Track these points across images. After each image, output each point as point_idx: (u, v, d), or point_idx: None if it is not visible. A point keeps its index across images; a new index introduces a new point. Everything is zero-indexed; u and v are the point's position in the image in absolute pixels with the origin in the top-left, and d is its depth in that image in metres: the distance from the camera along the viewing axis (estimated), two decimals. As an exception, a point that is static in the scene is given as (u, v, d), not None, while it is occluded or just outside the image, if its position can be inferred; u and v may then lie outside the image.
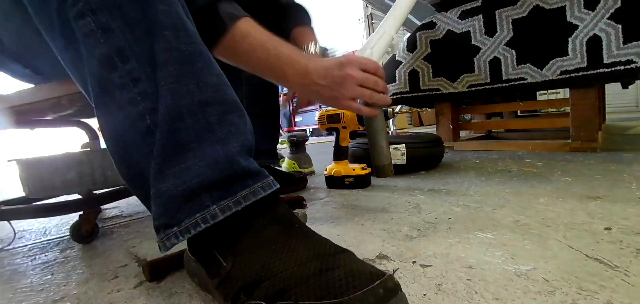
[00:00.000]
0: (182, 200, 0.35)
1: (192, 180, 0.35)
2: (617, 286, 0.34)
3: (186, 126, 0.35)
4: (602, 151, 1.15)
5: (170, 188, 0.35)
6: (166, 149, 0.35)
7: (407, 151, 1.05)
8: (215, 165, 0.36)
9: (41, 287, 0.49)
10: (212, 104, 0.37)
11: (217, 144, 0.36)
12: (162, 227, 0.36)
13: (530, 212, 0.59)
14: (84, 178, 0.68)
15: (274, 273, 0.31)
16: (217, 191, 0.36)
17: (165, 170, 0.35)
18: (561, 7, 1.15)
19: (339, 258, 0.32)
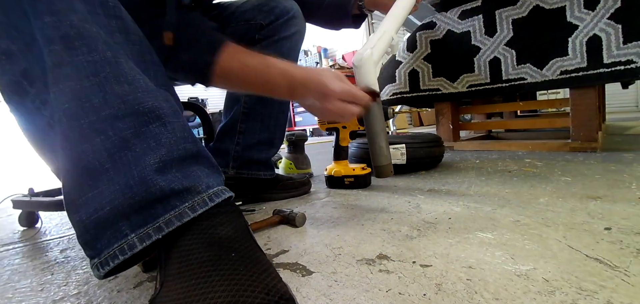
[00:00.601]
0: (98, 229, 0.32)
1: (103, 207, 0.32)
2: (617, 286, 0.34)
3: (94, 147, 0.31)
4: (602, 151, 1.15)
5: (83, 218, 0.32)
6: (73, 176, 0.32)
7: (407, 151, 1.05)
8: (127, 188, 0.32)
9: (41, 287, 0.49)
10: (123, 117, 0.33)
11: (132, 163, 0.32)
12: (88, 256, 0.34)
13: (530, 212, 0.59)
14: None
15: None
16: (136, 216, 0.33)
17: (77, 199, 0.32)
18: (561, 7, 1.15)
19: (234, 282, 0.29)
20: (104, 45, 0.34)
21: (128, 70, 0.35)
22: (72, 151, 0.31)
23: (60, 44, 0.31)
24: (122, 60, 0.35)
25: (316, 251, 0.51)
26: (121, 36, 0.37)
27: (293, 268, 0.46)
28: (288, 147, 1.31)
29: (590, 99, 1.17)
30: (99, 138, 0.32)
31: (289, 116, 4.85)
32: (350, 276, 0.42)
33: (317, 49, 5.20)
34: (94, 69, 0.32)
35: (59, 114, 0.31)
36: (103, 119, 0.32)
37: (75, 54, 0.32)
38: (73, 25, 0.32)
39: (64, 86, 0.31)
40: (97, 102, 0.32)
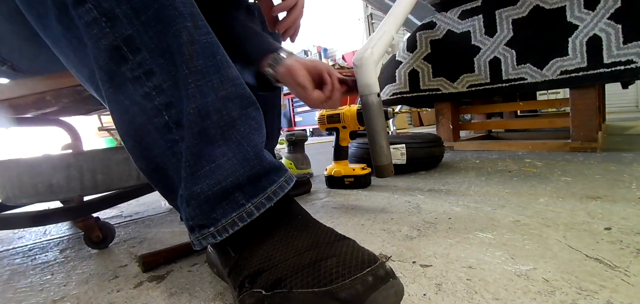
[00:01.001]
0: (217, 200, 0.35)
1: (225, 179, 0.34)
2: (617, 286, 0.34)
3: (212, 123, 0.34)
4: (602, 151, 1.15)
5: (205, 189, 0.34)
6: (196, 149, 0.34)
7: (407, 151, 1.05)
8: (246, 162, 0.35)
9: (41, 287, 0.49)
10: (233, 99, 0.35)
11: (242, 140, 0.36)
12: (197, 227, 0.35)
13: (530, 212, 0.59)
14: (72, 183, 0.61)
15: (274, 263, 0.32)
16: (249, 188, 0.36)
17: (197, 171, 0.34)
18: (561, 7, 1.15)
19: (335, 246, 0.33)
20: (209, 27, 0.36)
21: (226, 55, 0.37)
22: (199, 125, 0.33)
23: (191, 21, 0.33)
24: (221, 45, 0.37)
25: (316, 251, 0.51)
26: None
27: (293, 268, 0.46)
28: (288, 147, 1.31)
29: (590, 99, 1.17)
30: (216, 116, 0.34)
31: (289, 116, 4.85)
32: (350, 276, 0.42)
33: (317, 49, 5.20)
34: (213, 50, 0.35)
35: (192, 89, 0.33)
36: (219, 100, 0.34)
37: (201, 33, 0.34)
38: (193, 4, 0.34)
39: (198, 63, 0.33)
40: (216, 82, 0.34)
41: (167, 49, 0.32)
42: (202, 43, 0.34)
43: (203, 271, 0.49)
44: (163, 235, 0.69)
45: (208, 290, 0.43)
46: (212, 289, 0.43)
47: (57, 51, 0.37)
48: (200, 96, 0.33)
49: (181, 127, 0.34)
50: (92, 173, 0.63)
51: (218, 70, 0.35)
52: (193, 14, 0.34)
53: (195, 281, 0.45)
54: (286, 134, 1.32)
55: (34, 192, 0.59)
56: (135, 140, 0.36)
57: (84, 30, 0.32)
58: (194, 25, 0.33)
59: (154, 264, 0.51)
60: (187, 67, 0.33)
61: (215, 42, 0.35)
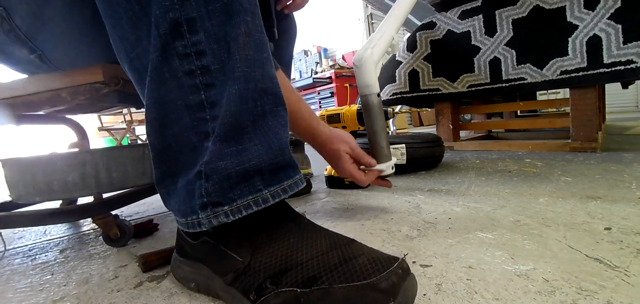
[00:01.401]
0: (238, 180, 0.36)
1: (249, 161, 0.36)
2: (617, 286, 0.34)
3: (248, 109, 0.36)
4: (602, 151, 1.15)
5: (228, 166, 0.35)
6: (229, 128, 0.35)
7: (407, 151, 1.05)
8: (271, 151, 0.37)
9: (41, 287, 0.49)
10: (268, 94, 0.38)
11: (269, 131, 0.37)
12: (211, 204, 0.36)
13: (530, 212, 0.59)
14: (87, 180, 0.61)
15: (298, 263, 0.33)
16: (269, 176, 0.37)
17: (225, 148, 0.35)
18: (561, 7, 1.15)
19: (354, 248, 0.35)
20: (264, 28, 0.39)
21: (272, 57, 0.40)
22: (238, 107, 0.35)
23: (250, 16, 0.36)
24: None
25: (316, 251, 0.51)
26: None
27: (293, 268, 0.46)
28: (288, 147, 1.30)
29: (590, 99, 1.17)
30: (252, 104, 0.36)
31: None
32: (350, 276, 0.42)
33: (317, 49, 5.20)
34: (263, 47, 0.37)
35: (239, 74, 0.35)
36: (257, 91, 0.36)
37: (256, 30, 0.37)
38: (255, 2, 0.37)
39: (249, 54, 0.36)
40: (258, 75, 0.37)
41: (224, 37, 0.35)
42: (255, 38, 0.37)
43: (203, 271, 0.49)
44: (164, 235, 0.69)
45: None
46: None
47: (109, 12, 0.38)
48: (245, 82, 0.36)
49: (217, 107, 0.35)
50: (108, 171, 0.63)
51: (262, 65, 0.37)
52: (254, 12, 0.37)
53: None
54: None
55: (48, 189, 0.59)
56: (159, 113, 0.37)
57: (157, 0, 0.34)
58: (252, 21, 0.36)
59: (154, 263, 0.51)
60: (239, 53, 0.35)
61: (266, 42, 0.38)
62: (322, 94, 4.30)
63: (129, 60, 0.38)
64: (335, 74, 4.18)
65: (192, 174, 0.37)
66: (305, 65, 5.15)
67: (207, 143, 0.36)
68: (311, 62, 5.06)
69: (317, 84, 4.33)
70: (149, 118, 0.38)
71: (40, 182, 0.59)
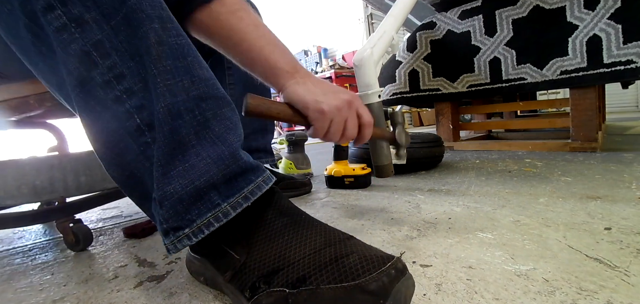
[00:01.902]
0: (191, 200, 0.34)
1: (199, 178, 0.34)
2: (617, 286, 0.34)
3: (185, 123, 0.34)
4: (602, 151, 1.15)
5: (178, 189, 0.34)
6: (168, 149, 0.33)
7: (407, 151, 1.05)
8: (221, 161, 0.35)
9: (41, 287, 0.49)
10: (206, 99, 0.35)
11: (216, 139, 0.35)
12: (172, 230, 0.35)
13: (530, 212, 0.59)
14: (55, 184, 0.61)
15: (290, 262, 0.33)
16: (224, 187, 0.35)
17: (169, 171, 0.34)
18: (561, 7, 1.15)
19: (349, 245, 0.34)
20: (182, 29, 0.36)
21: (201, 58, 0.37)
22: (170, 124, 0.33)
23: (158, 22, 0.33)
24: (195, 48, 0.37)
25: (316, 251, 0.51)
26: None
27: (293, 268, 0.46)
28: (288, 148, 1.31)
29: (590, 99, 1.17)
30: (188, 116, 0.34)
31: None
32: (350, 276, 0.42)
33: (317, 49, 5.20)
34: (183, 52, 0.35)
35: (162, 89, 0.33)
36: (190, 100, 0.34)
37: (170, 35, 0.34)
38: (162, 6, 0.34)
39: (166, 64, 0.33)
40: (186, 83, 0.34)
41: (136, 51, 0.33)
42: (170, 44, 0.34)
43: (203, 271, 0.49)
44: (163, 235, 0.69)
45: (208, 290, 0.43)
46: (212, 289, 0.43)
47: (27, 61, 0.37)
48: (170, 95, 0.33)
49: (153, 129, 0.34)
50: (76, 175, 0.64)
51: (188, 71, 0.34)
52: (161, 17, 0.34)
53: (195, 281, 0.45)
54: (286, 134, 1.32)
55: (18, 193, 0.59)
56: (107, 147, 0.35)
57: (54, 36, 0.31)
58: (161, 27, 0.33)
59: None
60: (155, 67, 0.33)
61: (186, 44, 0.35)
62: (322, 94, 4.28)
63: (59, 96, 0.37)
64: (335, 74, 4.18)
65: (154, 199, 0.35)
66: (305, 65, 5.15)
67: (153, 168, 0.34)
68: (311, 62, 5.06)
69: (317, 84, 4.32)
70: (100, 155, 0.36)
71: (10, 187, 0.59)
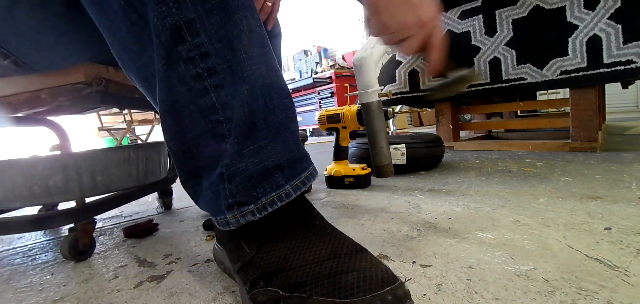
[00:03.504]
0: (259, 179, 0.36)
1: (268, 159, 0.36)
2: (617, 286, 0.34)
3: (259, 107, 0.36)
4: (602, 151, 1.15)
5: (249, 167, 0.36)
6: (245, 128, 0.36)
7: (407, 151, 1.05)
8: (286, 146, 0.38)
9: (41, 287, 0.49)
10: (275, 88, 0.38)
11: (281, 126, 0.38)
12: (237, 204, 0.36)
13: (530, 212, 0.59)
14: (69, 184, 0.57)
15: (291, 267, 0.33)
16: (288, 170, 0.38)
17: (242, 149, 0.36)
18: (561, 7, 1.15)
19: (355, 259, 0.33)
20: (261, 21, 0.38)
21: (271, 49, 0.39)
22: (250, 106, 0.35)
23: (249, 11, 0.36)
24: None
25: (316, 251, 0.51)
26: None
27: (293, 268, 0.46)
28: (288, 147, 1.31)
29: (590, 99, 1.17)
30: (262, 101, 0.36)
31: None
32: (350, 276, 0.42)
33: (317, 49, 5.20)
34: (265, 41, 0.38)
35: (248, 72, 0.35)
36: (265, 87, 0.37)
37: (257, 24, 0.37)
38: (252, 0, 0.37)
39: (254, 50, 0.36)
40: (264, 70, 0.37)
41: (225, 35, 0.34)
42: (257, 33, 0.36)
43: (203, 271, 0.49)
44: (164, 235, 0.69)
45: (208, 290, 0.43)
46: (212, 289, 0.43)
47: (107, 25, 0.37)
48: (253, 79, 0.36)
49: (229, 108, 0.35)
50: (91, 174, 0.60)
51: (266, 60, 0.37)
52: (251, 6, 0.36)
53: (195, 281, 0.46)
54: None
55: (29, 194, 0.56)
56: (174, 119, 0.37)
57: (152, 7, 0.33)
58: (252, 16, 0.36)
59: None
60: (245, 52, 0.35)
61: (265, 34, 0.38)
62: (322, 94, 4.30)
63: (135, 70, 0.39)
64: (335, 74, 4.18)
65: (214, 175, 0.37)
66: (305, 65, 5.15)
67: (225, 145, 0.36)
68: (311, 62, 5.06)
69: (317, 84, 4.33)
70: (165, 125, 0.38)
71: (20, 187, 0.55)
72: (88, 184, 0.59)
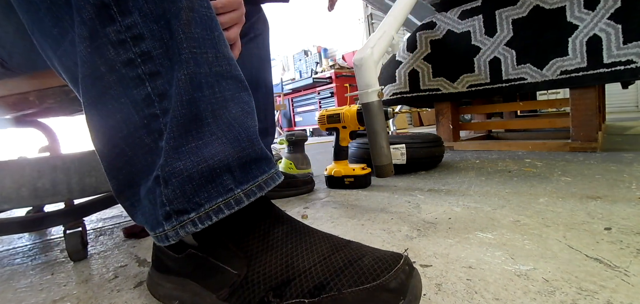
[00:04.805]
0: (202, 181, 0.31)
1: (213, 157, 0.31)
2: (617, 286, 0.34)
3: (204, 97, 0.31)
4: (602, 151, 1.15)
5: (188, 167, 0.30)
6: (184, 120, 0.30)
7: (407, 151, 1.05)
8: (237, 143, 0.32)
9: (41, 287, 0.49)
10: (227, 78, 0.33)
11: (234, 121, 0.33)
12: (174, 213, 0.31)
13: (530, 212, 0.59)
14: (58, 186, 0.57)
15: (301, 271, 0.31)
16: (239, 172, 0.32)
17: (181, 146, 0.30)
18: (561, 7, 1.15)
19: (354, 248, 0.33)
20: (211, 4, 0.34)
21: (224, 35, 0.35)
22: (190, 94, 0.31)
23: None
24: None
25: (316, 251, 0.51)
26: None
27: (293, 268, 0.46)
28: (288, 147, 1.31)
29: (590, 99, 1.17)
30: (208, 91, 0.32)
31: (289, 116, 4.86)
32: (350, 276, 0.42)
33: (317, 49, 5.20)
34: (212, 24, 0.33)
35: (186, 55, 0.30)
36: (212, 75, 0.32)
37: (201, 5, 0.32)
38: None
39: (196, 32, 0.31)
40: (211, 57, 0.32)
41: (162, 14, 0.30)
42: (201, 13, 0.32)
43: (203, 271, 0.48)
44: (163, 235, 0.69)
45: (208, 290, 0.43)
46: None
47: (25, 8, 0.33)
48: (194, 64, 0.31)
49: (167, 98, 0.31)
50: (80, 176, 0.59)
51: (214, 45, 0.32)
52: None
53: (195, 281, 0.45)
54: (286, 134, 1.32)
55: (17, 196, 0.55)
56: (101, 114, 0.32)
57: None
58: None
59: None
60: (183, 32, 0.30)
61: (214, 18, 0.33)
62: (322, 94, 4.30)
63: (57, 59, 0.33)
64: (335, 74, 4.19)
65: (151, 180, 0.32)
66: (305, 65, 5.16)
67: (162, 142, 0.31)
68: (311, 62, 5.06)
69: (317, 84, 4.33)
70: (92, 123, 0.33)
71: (8, 189, 0.55)
72: (76, 186, 0.59)
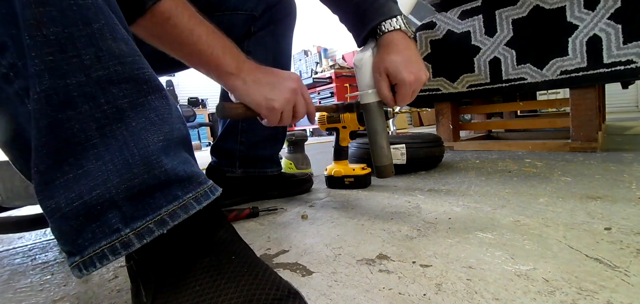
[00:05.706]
0: (81, 221, 0.26)
1: (91, 192, 0.25)
2: (617, 286, 0.34)
3: (80, 115, 0.25)
4: (602, 151, 1.15)
5: (62, 204, 0.25)
6: (48, 150, 0.25)
7: (407, 151, 1.05)
8: (126, 168, 0.26)
9: (41, 287, 0.49)
10: (120, 83, 0.26)
11: (129, 138, 0.26)
12: (67, 253, 0.28)
13: (530, 212, 0.59)
14: None
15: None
16: (129, 206, 0.26)
17: (54, 180, 0.25)
18: (561, 7, 1.15)
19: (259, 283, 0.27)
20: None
21: (122, 26, 0.28)
22: (50, 117, 0.24)
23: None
24: (116, 12, 0.28)
25: (316, 251, 0.51)
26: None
27: (293, 268, 0.46)
28: (288, 148, 1.31)
29: (590, 99, 1.17)
30: (87, 105, 0.25)
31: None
32: (351, 276, 0.42)
33: (317, 49, 5.20)
34: (86, 15, 0.25)
35: (38, 67, 0.24)
36: (94, 82, 0.25)
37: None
38: None
39: (49, 31, 0.24)
40: (87, 59, 0.25)
41: (14, 13, 0.24)
42: (61, 4, 0.24)
43: (203, 271, 0.48)
44: (163, 235, 0.69)
45: (208, 290, 0.43)
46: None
47: None
48: (53, 77, 0.24)
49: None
50: None
51: (93, 42, 0.25)
52: None
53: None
54: (286, 135, 1.32)
55: (26, 194, 0.56)
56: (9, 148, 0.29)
57: None
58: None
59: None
60: (29, 35, 0.23)
61: (93, 5, 0.25)
62: (322, 94, 4.30)
63: None
64: (335, 74, 4.19)
65: None
66: (305, 66, 5.16)
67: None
68: (311, 62, 5.06)
69: (317, 84, 4.33)
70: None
71: (17, 187, 0.56)
72: None
